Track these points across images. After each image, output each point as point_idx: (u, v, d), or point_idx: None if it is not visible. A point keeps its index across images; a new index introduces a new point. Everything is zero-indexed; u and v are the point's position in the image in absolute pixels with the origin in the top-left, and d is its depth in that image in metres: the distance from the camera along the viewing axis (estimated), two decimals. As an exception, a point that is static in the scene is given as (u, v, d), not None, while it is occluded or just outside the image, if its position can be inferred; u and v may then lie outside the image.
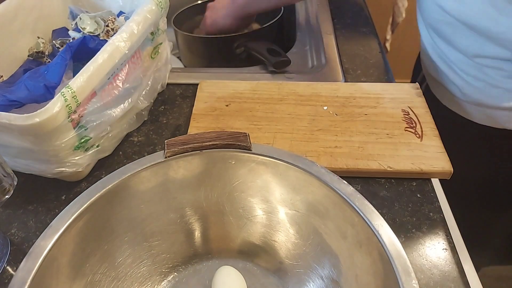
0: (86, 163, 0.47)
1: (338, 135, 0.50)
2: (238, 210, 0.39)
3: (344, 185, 0.34)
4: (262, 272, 0.39)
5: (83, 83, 0.41)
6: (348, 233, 0.34)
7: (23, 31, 0.56)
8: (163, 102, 0.59)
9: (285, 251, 0.39)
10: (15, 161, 0.44)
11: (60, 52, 0.46)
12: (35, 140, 0.40)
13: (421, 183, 0.47)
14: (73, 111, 0.40)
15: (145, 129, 0.55)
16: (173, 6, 0.61)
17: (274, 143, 0.50)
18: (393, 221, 0.43)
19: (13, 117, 0.37)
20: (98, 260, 0.35)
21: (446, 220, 0.44)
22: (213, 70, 0.66)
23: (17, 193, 0.46)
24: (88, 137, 0.45)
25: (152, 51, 0.54)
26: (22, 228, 0.45)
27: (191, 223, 0.40)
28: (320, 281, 0.36)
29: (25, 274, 0.29)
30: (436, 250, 0.41)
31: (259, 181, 0.38)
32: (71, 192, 0.48)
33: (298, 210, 0.37)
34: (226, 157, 0.37)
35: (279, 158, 0.36)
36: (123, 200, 0.36)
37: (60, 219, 0.32)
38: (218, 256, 0.40)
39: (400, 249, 0.29)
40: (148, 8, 0.50)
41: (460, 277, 0.39)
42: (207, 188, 0.39)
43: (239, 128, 0.52)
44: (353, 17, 0.77)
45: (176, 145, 0.36)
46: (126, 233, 0.37)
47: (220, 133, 0.37)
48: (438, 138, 0.49)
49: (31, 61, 0.56)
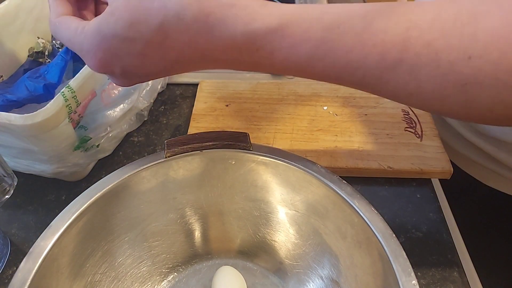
0: (86, 163, 0.47)
1: (338, 135, 0.50)
2: (238, 210, 0.39)
3: (344, 185, 0.34)
4: (262, 272, 0.39)
5: (83, 83, 0.41)
6: (348, 233, 0.34)
7: (23, 31, 0.55)
8: (163, 102, 0.60)
9: (285, 251, 0.39)
10: (15, 161, 0.44)
11: (60, 52, 0.46)
12: (35, 140, 0.40)
13: (421, 183, 0.47)
14: (73, 111, 0.40)
15: (145, 129, 0.55)
16: (173, 6, 0.61)
17: (274, 143, 0.50)
18: (393, 221, 0.43)
19: (13, 117, 0.37)
20: (98, 260, 0.35)
21: (446, 220, 0.44)
22: (213, 70, 0.66)
23: (17, 193, 0.46)
24: (88, 137, 0.45)
25: (152, 51, 0.54)
26: (22, 228, 0.45)
27: (191, 223, 0.40)
28: (320, 281, 0.36)
29: (25, 274, 0.29)
30: (436, 250, 0.41)
31: (259, 181, 0.38)
32: (71, 192, 0.48)
33: (298, 210, 0.37)
34: (226, 157, 0.37)
35: (279, 158, 0.36)
36: (123, 200, 0.36)
37: (60, 219, 0.32)
38: (218, 256, 0.40)
39: (400, 249, 0.29)
40: (148, 8, 0.50)
41: (460, 277, 0.39)
42: (207, 188, 0.39)
43: (239, 128, 0.52)
44: (353, 17, 0.77)
45: (176, 145, 0.36)
46: (126, 233, 0.37)
47: (220, 133, 0.37)
48: (438, 138, 0.49)
49: (31, 61, 0.56)
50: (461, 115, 0.26)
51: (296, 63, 0.27)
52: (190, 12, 0.26)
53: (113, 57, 0.28)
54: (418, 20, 0.24)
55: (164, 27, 0.26)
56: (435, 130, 0.50)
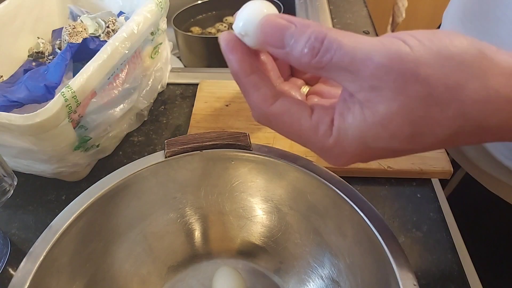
0: (86, 163, 0.47)
1: (338, 135, 0.50)
2: (238, 210, 0.39)
3: (344, 185, 0.34)
4: (262, 272, 0.39)
5: (83, 83, 0.41)
6: (348, 233, 0.34)
7: (23, 31, 0.56)
8: (163, 102, 0.59)
9: (285, 251, 0.39)
10: (15, 161, 0.44)
11: (60, 52, 0.47)
12: (35, 140, 0.40)
13: (421, 183, 0.47)
14: (73, 111, 0.40)
15: (145, 129, 0.55)
16: (173, 6, 0.61)
17: (274, 143, 0.50)
18: (393, 221, 0.43)
19: (13, 117, 0.37)
20: (98, 260, 0.35)
21: (446, 220, 0.44)
22: (213, 70, 0.66)
23: (17, 193, 0.46)
24: (88, 137, 0.45)
25: (152, 51, 0.54)
26: (22, 228, 0.45)
27: (191, 223, 0.40)
28: (320, 281, 0.36)
29: (25, 274, 0.29)
30: (436, 250, 0.41)
31: (259, 181, 0.38)
32: (71, 192, 0.48)
33: (298, 210, 0.37)
34: (226, 157, 0.37)
35: (279, 158, 0.36)
36: (123, 200, 0.36)
37: (60, 219, 0.32)
38: (218, 256, 0.40)
39: (400, 249, 0.29)
40: (148, 8, 0.50)
41: (460, 277, 0.39)
42: (207, 188, 0.39)
43: (239, 128, 0.52)
44: (353, 17, 0.77)
45: (176, 145, 0.36)
46: (126, 233, 0.37)
47: (220, 133, 0.37)
48: (438, 138, 0.49)
49: (31, 61, 0.56)
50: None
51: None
52: (496, 119, 0.21)
53: (365, 159, 0.24)
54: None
55: (454, 137, 0.21)
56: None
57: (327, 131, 0.23)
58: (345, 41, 0.21)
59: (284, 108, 0.24)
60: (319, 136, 0.24)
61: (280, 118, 0.25)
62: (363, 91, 0.21)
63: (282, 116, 0.24)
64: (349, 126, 0.23)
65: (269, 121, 0.25)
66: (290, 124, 0.24)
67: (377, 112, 0.21)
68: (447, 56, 0.20)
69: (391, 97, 0.21)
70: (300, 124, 0.24)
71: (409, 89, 0.20)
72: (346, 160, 0.24)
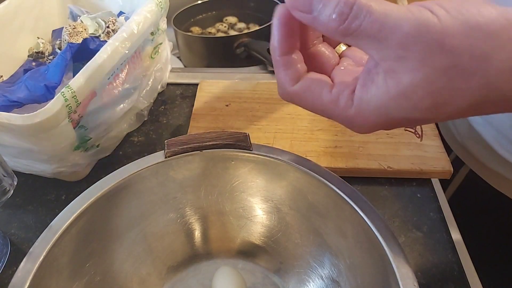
0: (86, 163, 0.47)
1: (338, 135, 0.50)
2: (238, 210, 0.39)
3: (344, 185, 0.34)
4: (262, 272, 0.39)
5: (83, 83, 0.41)
6: (348, 233, 0.34)
7: (23, 31, 0.56)
8: (163, 102, 0.59)
9: (285, 251, 0.39)
10: (15, 161, 0.44)
11: (60, 52, 0.47)
12: (35, 140, 0.40)
13: (421, 183, 0.47)
14: (73, 111, 0.40)
15: (145, 129, 0.55)
16: (173, 6, 0.61)
17: (274, 143, 0.50)
18: (393, 221, 0.43)
19: (13, 117, 0.37)
20: (98, 260, 0.35)
21: (446, 220, 0.44)
22: (213, 70, 0.66)
23: (17, 193, 0.46)
24: (88, 137, 0.45)
25: (152, 51, 0.54)
26: (22, 228, 0.45)
27: (191, 223, 0.40)
28: (320, 281, 0.36)
29: (25, 274, 0.29)
30: (436, 250, 0.41)
31: (259, 181, 0.38)
32: (71, 192, 0.48)
33: (298, 210, 0.37)
34: (226, 157, 0.37)
35: (279, 158, 0.36)
36: (123, 200, 0.36)
37: (60, 219, 0.32)
38: (218, 256, 0.40)
39: (400, 249, 0.29)
40: (148, 8, 0.50)
41: (460, 277, 0.39)
42: (207, 188, 0.39)
43: (239, 128, 0.52)
44: (353, 17, 0.77)
45: (176, 145, 0.36)
46: (126, 233, 0.37)
47: (220, 133, 0.37)
48: (438, 138, 0.49)
49: (31, 61, 0.56)
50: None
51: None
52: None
53: (387, 127, 0.25)
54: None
55: (477, 106, 0.21)
56: (436, 130, 0.50)
57: (347, 102, 0.24)
58: (375, 7, 0.21)
59: (305, 87, 0.25)
60: (340, 108, 0.24)
61: (302, 96, 0.26)
62: (389, 60, 0.21)
63: (304, 94, 0.25)
64: (372, 97, 0.23)
65: (292, 99, 0.26)
66: (312, 100, 0.25)
67: (400, 82, 0.21)
68: (474, 27, 0.20)
69: (416, 68, 0.21)
70: (321, 99, 0.25)
71: (435, 60, 0.20)
72: (369, 128, 0.25)
